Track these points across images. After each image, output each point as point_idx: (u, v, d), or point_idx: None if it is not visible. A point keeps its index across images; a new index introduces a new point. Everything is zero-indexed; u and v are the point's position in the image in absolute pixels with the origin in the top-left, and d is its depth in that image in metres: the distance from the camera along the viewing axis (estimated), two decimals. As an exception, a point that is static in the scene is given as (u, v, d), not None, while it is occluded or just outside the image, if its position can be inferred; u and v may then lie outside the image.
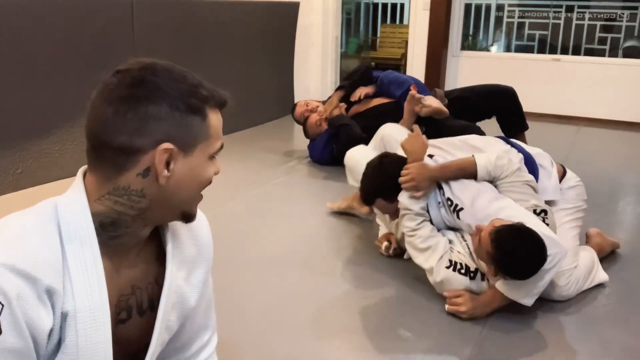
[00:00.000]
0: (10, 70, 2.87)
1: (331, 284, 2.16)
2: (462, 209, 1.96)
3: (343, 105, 3.65)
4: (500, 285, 1.86)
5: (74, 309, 0.81)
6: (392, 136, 2.53)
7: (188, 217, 0.94)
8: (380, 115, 3.33)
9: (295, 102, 4.20)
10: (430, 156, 2.13)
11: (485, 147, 2.20)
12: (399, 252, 2.30)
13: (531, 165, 2.15)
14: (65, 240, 0.82)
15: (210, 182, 0.94)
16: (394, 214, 2.14)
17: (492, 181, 2.03)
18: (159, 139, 0.85)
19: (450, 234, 2.06)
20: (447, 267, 1.94)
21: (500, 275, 1.80)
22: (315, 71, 5.96)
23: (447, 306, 1.91)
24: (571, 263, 2.03)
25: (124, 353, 0.96)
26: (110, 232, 0.87)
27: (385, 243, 2.34)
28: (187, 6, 3.98)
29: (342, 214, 2.83)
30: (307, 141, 3.90)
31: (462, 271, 1.92)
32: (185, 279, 1.01)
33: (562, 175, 2.27)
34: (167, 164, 0.86)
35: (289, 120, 5.39)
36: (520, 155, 2.15)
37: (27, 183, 3.03)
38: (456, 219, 1.99)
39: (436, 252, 1.96)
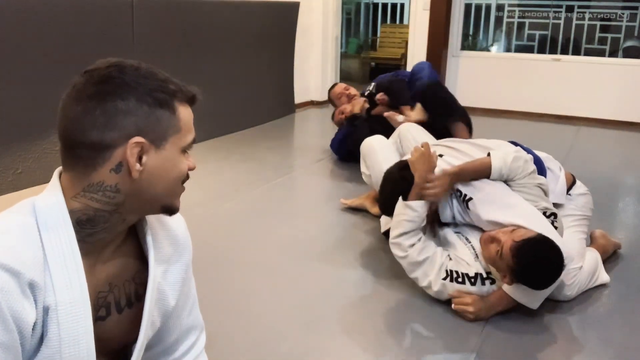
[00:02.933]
0: (10, 70, 2.87)
1: (331, 285, 2.16)
2: (471, 199, 1.96)
3: (362, 102, 3.76)
4: (510, 289, 1.86)
5: (55, 302, 0.83)
6: (410, 132, 2.60)
7: (169, 210, 0.95)
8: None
9: (334, 83, 4.27)
10: (440, 155, 2.13)
11: (497, 147, 2.18)
12: None
13: (539, 167, 2.14)
14: (44, 236, 0.84)
15: (187, 177, 0.97)
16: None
17: (505, 181, 2.04)
18: (129, 133, 0.86)
19: (452, 237, 2.06)
20: (444, 279, 1.92)
21: (515, 283, 1.81)
22: (315, 71, 5.96)
23: (454, 305, 1.90)
24: (576, 263, 2.03)
25: (105, 350, 0.96)
26: (87, 229, 0.88)
27: None
28: (187, 6, 3.98)
29: (353, 209, 2.91)
30: (307, 141, 3.91)
31: (460, 280, 1.91)
32: (162, 276, 1.01)
33: (572, 184, 2.29)
34: (140, 158, 0.88)
35: (289, 120, 5.40)
36: (530, 156, 2.13)
37: (27, 183, 3.03)
38: (466, 209, 1.99)
39: (433, 267, 1.94)
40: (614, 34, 5.78)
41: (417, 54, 5.82)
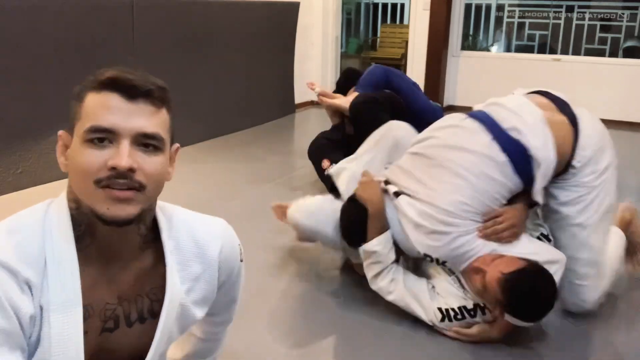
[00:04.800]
0: (10, 70, 2.87)
1: (331, 285, 2.16)
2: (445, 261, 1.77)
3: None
4: (508, 317, 1.69)
5: (47, 304, 0.83)
6: (407, 138, 2.15)
7: (100, 217, 0.84)
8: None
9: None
10: (387, 182, 1.92)
11: (468, 142, 1.79)
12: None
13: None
14: (47, 238, 0.85)
15: (109, 177, 0.82)
16: None
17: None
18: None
19: (432, 267, 1.90)
20: (441, 321, 1.78)
21: (508, 317, 1.67)
22: (315, 71, 5.96)
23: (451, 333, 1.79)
24: (585, 281, 1.87)
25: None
26: (77, 231, 0.88)
27: None
28: (187, 6, 3.98)
29: None
30: (307, 141, 3.88)
31: (459, 317, 1.76)
32: (186, 293, 0.99)
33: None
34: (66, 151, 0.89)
35: (289, 120, 5.40)
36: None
37: (27, 183, 3.03)
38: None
39: (427, 307, 1.81)
40: (614, 34, 5.78)
41: (417, 54, 5.82)
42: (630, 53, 5.71)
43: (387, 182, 1.92)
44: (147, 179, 0.85)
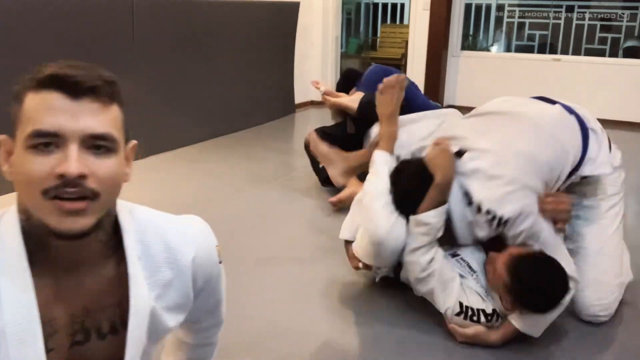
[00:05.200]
0: (9, 70, 2.87)
1: (332, 284, 2.16)
2: (507, 220, 1.68)
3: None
4: (515, 320, 1.71)
5: (3, 324, 0.77)
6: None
7: (50, 230, 0.77)
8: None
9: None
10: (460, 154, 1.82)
11: (539, 105, 1.91)
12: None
13: (582, 128, 1.87)
14: None
15: (57, 187, 0.74)
16: None
17: None
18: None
19: (459, 266, 1.81)
20: (457, 315, 1.73)
21: (517, 308, 1.67)
22: (315, 71, 5.95)
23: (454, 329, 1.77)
24: (612, 279, 1.90)
25: None
26: (29, 245, 0.81)
27: (359, 263, 2.07)
28: (187, 6, 3.98)
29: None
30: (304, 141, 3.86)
31: (475, 318, 1.72)
32: (156, 300, 0.91)
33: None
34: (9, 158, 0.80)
35: (289, 120, 5.40)
36: (572, 118, 1.87)
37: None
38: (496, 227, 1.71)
39: (453, 292, 1.74)
40: (614, 34, 5.77)
41: (417, 54, 5.82)
42: (630, 53, 5.70)
43: (459, 153, 1.81)
44: (101, 185, 0.77)
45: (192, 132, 4.19)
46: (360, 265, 2.03)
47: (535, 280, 1.60)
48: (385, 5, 8.67)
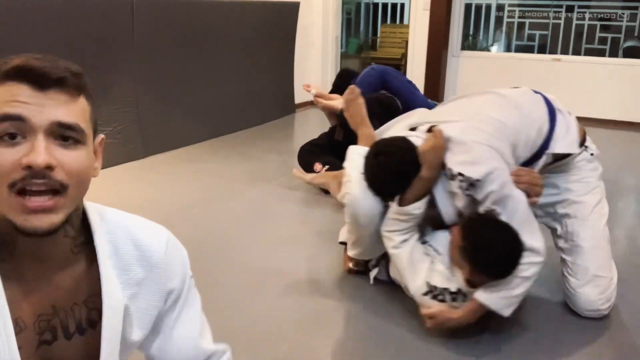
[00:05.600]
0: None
1: (332, 284, 2.16)
2: (478, 180, 1.68)
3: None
4: (478, 294, 1.71)
5: None
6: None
7: (16, 228, 0.75)
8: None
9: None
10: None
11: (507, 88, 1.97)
12: (363, 268, 2.19)
13: (550, 109, 1.89)
14: None
15: (15, 178, 0.72)
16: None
17: None
18: None
19: (426, 250, 1.87)
20: (424, 294, 1.78)
21: (475, 275, 1.67)
22: (315, 71, 5.96)
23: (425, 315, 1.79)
24: (608, 272, 1.92)
25: None
26: None
27: (349, 264, 2.21)
28: (187, 6, 3.98)
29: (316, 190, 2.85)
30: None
31: (440, 297, 1.76)
32: (129, 300, 0.88)
33: (584, 137, 1.99)
34: None
35: (289, 120, 5.40)
36: (539, 96, 1.92)
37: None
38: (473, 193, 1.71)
39: (419, 273, 1.81)
40: (614, 34, 5.77)
41: (417, 54, 5.83)
42: (630, 53, 5.70)
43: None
44: (69, 177, 0.75)
45: (192, 132, 4.19)
46: (350, 265, 2.13)
47: (483, 237, 1.63)
48: (385, 5, 8.67)
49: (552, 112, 1.88)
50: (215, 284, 2.11)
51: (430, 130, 1.84)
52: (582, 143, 1.96)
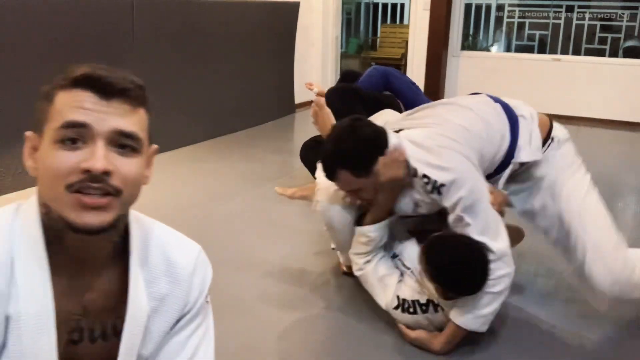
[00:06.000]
0: (9, 70, 2.87)
1: (332, 284, 2.16)
2: (442, 185, 1.64)
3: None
4: (453, 315, 1.70)
5: (17, 313, 0.78)
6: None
7: (69, 225, 0.77)
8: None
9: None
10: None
11: (469, 98, 1.94)
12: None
13: (510, 116, 1.85)
14: (15, 243, 0.80)
15: (82, 181, 0.76)
16: (355, 194, 1.79)
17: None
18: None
19: (395, 264, 1.88)
20: (395, 308, 1.79)
21: (447, 293, 1.65)
22: (315, 71, 5.96)
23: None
24: (614, 251, 1.78)
25: None
26: (46, 237, 0.82)
27: (344, 267, 2.22)
28: (187, 6, 3.98)
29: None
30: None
31: (411, 310, 1.76)
32: (152, 313, 0.89)
33: (549, 129, 1.93)
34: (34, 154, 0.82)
35: (289, 120, 5.40)
36: (498, 105, 1.87)
37: (27, 183, 3.03)
38: (436, 195, 1.67)
39: (388, 289, 1.81)
40: (614, 34, 5.78)
41: (417, 54, 5.83)
42: (630, 53, 5.71)
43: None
44: (124, 183, 0.78)
45: (192, 132, 4.19)
46: (344, 268, 2.16)
47: (443, 260, 1.61)
48: (385, 5, 8.67)
49: (513, 120, 1.85)
50: (214, 283, 2.10)
51: (397, 131, 1.80)
52: (547, 138, 1.89)
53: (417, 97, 3.21)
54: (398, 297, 1.78)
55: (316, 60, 5.94)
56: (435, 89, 5.67)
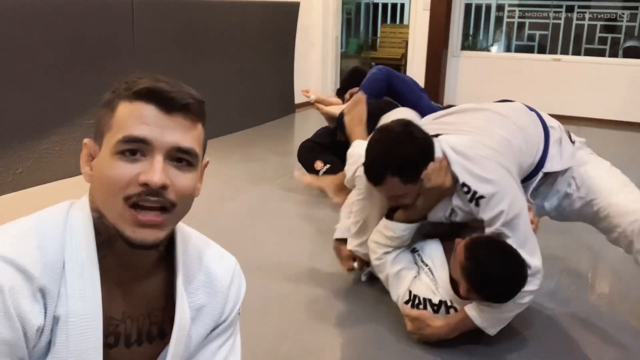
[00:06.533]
0: (10, 71, 2.87)
1: (332, 284, 2.16)
2: (482, 196, 1.63)
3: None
4: (468, 307, 1.68)
5: (66, 313, 0.79)
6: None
7: (123, 237, 0.79)
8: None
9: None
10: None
11: (506, 104, 1.94)
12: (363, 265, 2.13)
13: (543, 126, 1.88)
14: (67, 244, 0.81)
15: (140, 194, 0.77)
16: (396, 198, 1.74)
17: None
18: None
19: (413, 260, 1.85)
20: (406, 302, 1.77)
21: (472, 294, 1.62)
22: (315, 71, 5.96)
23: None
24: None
25: None
26: (97, 240, 0.83)
27: (354, 263, 2.13)
28: (187, 6, 3.98)
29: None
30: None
31: (421, 307, 1.74)
32: (192, 322, 0.91)
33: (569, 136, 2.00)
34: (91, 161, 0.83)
35: (289, 120, 5.40)
36: (534, 114, 1.89)
37: (27, 183, 3.03)
38: (474, 206, 1.66)
39: (403, 283, 1.79)
40: (614, 34, 5.78)
41: (417, 54, 5.83)
42: (630, 53, 5.71)
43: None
44: (178, 197, 0.80)
45: (192, 132, 4.19)
46: (355, 265, 2.07)
47: (487, 263, 1.57)
48: (385, 5, 8.67)
49: (546, 131, 1.86)
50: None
51: (436, 135, 1.76)
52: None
53: (420, 100, 3.21)
54: (410, 292, 1.76)
55: (316, 60, 5.94)
56: (435, 89, 5.67)
